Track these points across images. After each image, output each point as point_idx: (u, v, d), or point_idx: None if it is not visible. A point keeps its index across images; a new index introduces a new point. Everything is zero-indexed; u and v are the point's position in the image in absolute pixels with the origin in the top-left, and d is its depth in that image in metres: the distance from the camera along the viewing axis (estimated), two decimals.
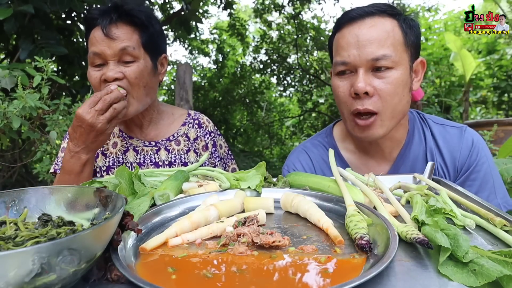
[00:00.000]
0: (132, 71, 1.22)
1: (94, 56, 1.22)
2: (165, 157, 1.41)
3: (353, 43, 1.08)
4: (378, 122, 1.10)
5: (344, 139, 1.33)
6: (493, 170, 1.19)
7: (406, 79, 1.10)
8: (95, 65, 1.24)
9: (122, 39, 1.21)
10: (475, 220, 0.70)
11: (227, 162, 1.55)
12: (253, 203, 0.79)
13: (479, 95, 9.13)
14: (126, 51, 1.21)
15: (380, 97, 1.07)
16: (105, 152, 1.39)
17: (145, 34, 1.26)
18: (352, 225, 0.62)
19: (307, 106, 9.37)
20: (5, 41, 3.64)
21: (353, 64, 1.08)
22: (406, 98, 1.12)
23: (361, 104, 1.08)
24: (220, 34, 9.99)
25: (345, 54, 1.09)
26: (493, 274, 0.47)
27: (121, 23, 1.22)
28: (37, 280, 0.40)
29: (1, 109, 1.86)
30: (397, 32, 1.08)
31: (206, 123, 1.53)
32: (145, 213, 0.71)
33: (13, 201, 0.60)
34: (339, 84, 1.14)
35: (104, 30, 1.19)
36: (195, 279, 0.49)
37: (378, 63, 1.06)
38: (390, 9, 1.11)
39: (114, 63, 1.21)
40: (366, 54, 1.06)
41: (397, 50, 1.07)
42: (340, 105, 1.17)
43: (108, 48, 1.20)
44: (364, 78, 1.06)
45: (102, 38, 1.20)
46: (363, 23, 1.09)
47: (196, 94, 8.93)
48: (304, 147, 1.37)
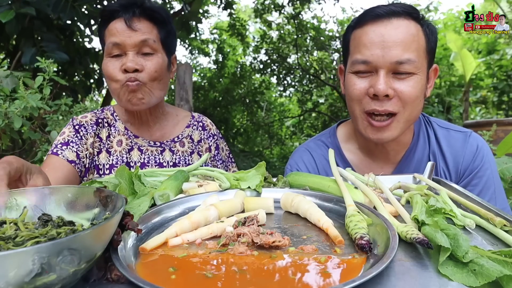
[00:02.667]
0: (152, 64, 1.26)
1: (113, 46, 1.24)
2: (170, 158, 1.41)
3: (378, 43, 1.03)
4: (394, 124, 1.07)
5: (347, 140, 1.31)
6: (495, 177, 1.18)
7: (424, 85, 1.09)
8: (113, 56, 1.26)
9: (143, 32, 1.25)
10: (475, 220, 0.70)
11: (228, 165, 1.56)
12: (253, 203, 0.79)
13: (479, 95, 9.13)
14: (147, 43, 1.25)
15: (400, 99, 1.05)
16: (109, 149, 1.37)
17: (163, 30, 1.31)
18: (352, 225, 0.62)
19: (307, 106, 9.37)
20: (5, 41, 3.64)
21: (375, 65, 1.04)
22: (421, 105, 1.10)
23: (380, 105, 1.05)
24: (220, 34, 9.99)
25: (368, 53, 1.05)
26: (493, 274, 0.47)
27: (143, 18, 1.26)
28: (37, 280, 0.40)
29: (3, 109, 1.86)
30: (421, 37, 1.05)
31: (210, 126, 1.54)
32: (145, 213, 0.71)
33: (13, 201, 0.60)
34: (355, 82, 1.09)
35: (127, 22, 1.23)
36: (195, 279, 0.49)
37: (401, 67, 1.02)
38: (416, 12, 1.07)
39: (133, 54, 1.24)
40: (390, 56, 1.02)
41: (420, 55, 1.05)
42: (352, 102, 1.12)
43: (129, 39, 1.23)
44: (385, 81, 1.03)
45: (124, 29, 1.23)
46: (389, 23, 1.04)
47: (196, 94, 8.93)
48: (308, 147, 1.36)
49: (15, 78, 2.06)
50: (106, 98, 4.81)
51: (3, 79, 2.05)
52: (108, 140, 1.38)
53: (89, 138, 1.35)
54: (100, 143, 1.37)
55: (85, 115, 1.41)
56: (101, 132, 1.39)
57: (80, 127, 1.35)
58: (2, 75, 2.06)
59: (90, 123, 1.37)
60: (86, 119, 1.38)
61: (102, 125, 1.40)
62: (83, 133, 1.35)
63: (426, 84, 1.12)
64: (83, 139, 1.34)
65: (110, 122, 1.42)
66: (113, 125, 1.41)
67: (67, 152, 1.29)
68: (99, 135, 1.38)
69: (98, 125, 1.38)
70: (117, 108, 1.46)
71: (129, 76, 1.23)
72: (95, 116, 1.40)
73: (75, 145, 1.32)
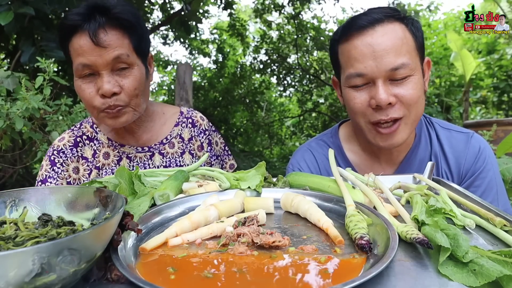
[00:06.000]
0: (130, 83, 1.13)
1: (83, 67, 1.10)
2: (159, 162, 1.34)
3: (368, 54, 1.03)
4: (402, 127, 1.07)
5: (349, 140, 1.31)
6: (497, 178, 1.18)
7: (422, 82, 1.09)
8: (84, 77, 1.12)
9: (113, 47, 1.08)
10: (475, 220, 0.70)
11: (224, 159, 1.50)
12: (253, 203, 0.79)
13: (479, 95, 9.13)
14: (120, 59, 1.10)
15: (402, 103, 1.05)
16: (97, 165, 1.29)
17: (135, 37, 1.15)
18: (352, 225, 0.62)
19: (307, 106, 9.37)
20: (5, 41, 3.64)
21: (370, 76, 1.04)
22: (424, 102, 1.11)
23: (385, 114, 1.05)
24: (220, 34, 9.99)
25: (361, 66, 1.04)
26: (493, 274, 0.47)
27: (110, 27, 1.09)
28: (37, 280, 0.40)
29: (4, 110, 1.86)
30: (409, 38, 1.06)
31: (200, 121, 1.45)
32: (145, 213, 0.71)
33: (13, 201, 0.60)
34: (355, 95, 1.09)
35: (93, 39, 1.05)
36: (195, 279, 0.49)
37: (397, 72, 1.02)
38: (397, 13, 1.08)
39: (107, 74, 1.10)
40: (384, 65, 1.02)
41: (412, 56, 1.05)
42: (355, 115, 1.12)
43: (100, 58, 1.08)
44: (385, 90, 1.03)
45: (91, 47, 1.07)
46: (375, 32, 1.04)
47: (196, 94, 8.93)
48: (309, 147, 1.36)
49: (16, 79, 2.06)
50: None
51: (4, 79, 2.05)
52: (95, 157, 1.30)
53: (70, 163, 1.28)
54: (87, 163, 1.29)
55: (63, 137, 1.31)
56: (84, 152, 1.30)
57: (59, 153, 1.27)
58: (2, 76, 2.06)
59: (69, 146, 1.29)
60: (63, 141, 1.30)
61: (83, 143, 1.30)
62: (63, 160, 1.27)
63: (423, 80, 1.12)
64: (62, 168, 1.26)
65: (91, 136, 1.32)
66: (95, 138, 1.32)
67: None
68: (83, 156, 1.29)
69: (78, 146, 1.29)
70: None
71: (107, 102, 1.11)
72: (73, 135, 1.31)
73: (53, 180, 1.25)
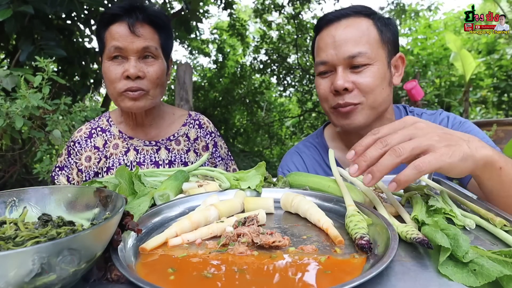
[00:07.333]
0: (154, 71, 1.27)
1: (115, 50, 1.24)
2: (165, 156, 1.42)
3: (330, 44, 1.14)
4: (359, 110, 1.15)
5: (334, 138, 1.38)
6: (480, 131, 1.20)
7: (384, 74, 1.15)
8: (114, 59, 1.26)
9: (146, 38, 1.26)
10: (475, 220, 0.70)
11: (228, 163, 1.57)
12: (253, 203, 0.79)
13: (479, 95, 9.12)
14: (149, 49, 1.26)
15: (359, 90, 1.13)
16: (106, 154, 1.40)
17: (163, 36, 1.32)
18: (352, 225, 0.62)
19: (307, 106, 9.36)
20: (5, 41, 3.64)
21: (332, 63, 1.15)
22: (386, 92, 1.17)
23: (342, 99, 1.14)
24: (220, 34, 9.99)
25: (323, 55, 1.16)
26: (493, 274, 0.47)
27: (145, 23, 1.27)
28: (37, 280, 0.40)
29: (4, 108, 1.86)
30: (372, 31, 1.14)
31: (207, 123, 1.55)
32: (145, 213, 0.71)
33: (13, 201, 0.60)
34: (320, 82, 1.21)
35: (130, 27, 1.23)
36: (195, 279, 0.49)
37: (355, 60, 1.11)
38: (365, 10, 1.18)
39: (135, 60, 1.25)
40: (342, 52, 1.12)
41: (372, 47, 1.13)
42: (322, 102, 1.24)
43: (132, 44, 1.24)
44: (342, 76, 1.12)
45: (127, 33, 1.23)
46: (339, 25, 1.15)
47: (196, 94, 8.92)
48: (297, 149, 1.43)
49: (15, 77, 2.06)
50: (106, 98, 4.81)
51: (3, 78, 2.05)
52: (105, 146, 1.41)
53: (84, 153, 1.40)
54: (98, 152, 1.40)
55: (81, 128, 1.46)
56: (96, 142, 1.42)
57: (75, 144, 1.41)
58: (2, 75, 2.06)
59: (84, 137, 1.42)
60: (80, 133, 1.44)
61: (96, 134, 1.43)
62: (77, 149, 1.40)
63: (390, 73, 1.19)
64: (76, 157, 1.40)
65: (104, 127, 1.45)
66: (107, 130, 1.44)
67: (61, 177, 1.37)
68: (95, 145, 1.41)
69: (92, 137, 1.42)
70: (113, 113, 1.49)
71: (130, 84, 1.25)
72: (89, 127, 1.45)
73: (68, 170, 1.39)
